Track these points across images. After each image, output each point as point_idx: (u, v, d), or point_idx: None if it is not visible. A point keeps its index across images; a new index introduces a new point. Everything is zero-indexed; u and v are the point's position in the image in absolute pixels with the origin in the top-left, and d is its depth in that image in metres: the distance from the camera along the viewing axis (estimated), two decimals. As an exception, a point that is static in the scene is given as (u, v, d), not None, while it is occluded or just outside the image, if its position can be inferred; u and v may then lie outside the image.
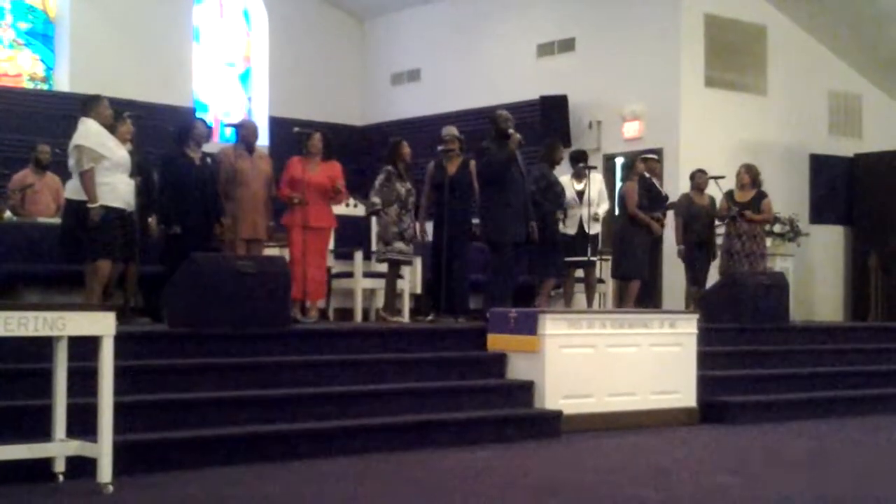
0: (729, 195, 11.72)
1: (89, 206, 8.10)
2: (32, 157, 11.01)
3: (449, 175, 9.94)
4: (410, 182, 10.11)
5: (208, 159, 9.46)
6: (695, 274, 11.81)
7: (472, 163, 10.10)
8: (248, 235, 9.33)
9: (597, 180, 11.20)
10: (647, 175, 11.54)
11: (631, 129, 14.44)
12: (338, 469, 6.49)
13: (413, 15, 17.49)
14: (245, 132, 9.67)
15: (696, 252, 11.78)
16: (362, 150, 16.91)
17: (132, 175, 8.54)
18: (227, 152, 9.58)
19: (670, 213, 11.89)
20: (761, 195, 11.79)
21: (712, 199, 11.92)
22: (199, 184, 9.19)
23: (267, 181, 9.54)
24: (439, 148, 10.09)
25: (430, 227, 10.37)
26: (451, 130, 10.25)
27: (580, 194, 10.98)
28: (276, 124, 16.66)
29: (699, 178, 11.93)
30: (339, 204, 10.04)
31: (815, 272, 15.09)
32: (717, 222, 11.93)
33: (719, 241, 11.92)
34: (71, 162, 8.24)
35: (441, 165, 10.06)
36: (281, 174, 9.63)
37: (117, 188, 8.32)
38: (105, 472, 5.54)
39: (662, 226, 11.63)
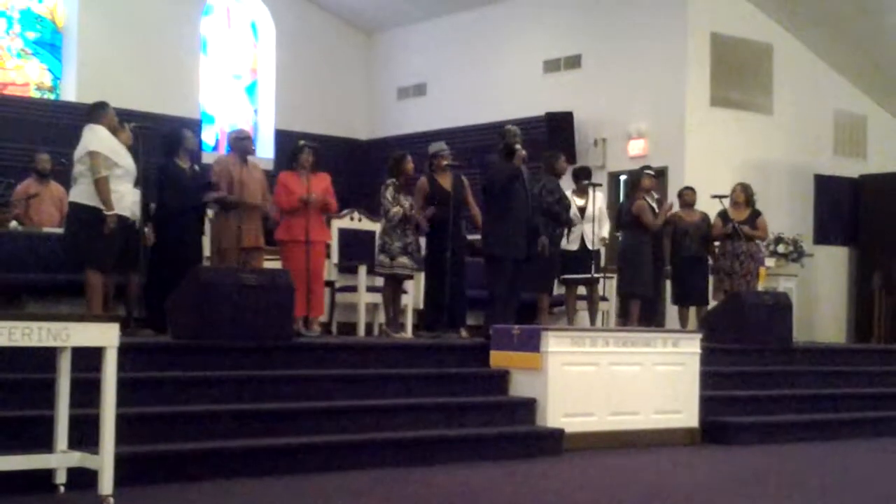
0: (722, 214, 11.71)
1: (106, 213, 8.07)
2: (33, 167, 11.02)
3: (447, 190, 9.94)
4: (411, 196, 10.10)
5: (196, 167, 9.48)
6: (685, 292, 11.79)
7: (464, 178, 10.13)
8: (250, 244, 9.33)
9: (598, 199, 11.21)
10: (646, 193, 11.54)
11: (636, 146, 14.45)
12: (338, 484, 6.48)
13: (420, 30, 17.53)
14: (243, 143, 9.66)
15: (690, 269, 11.76)
16: (367, 164, 16.94)
17: (136, 184, 8.55)
18: (228, 162, 9.55)
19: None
20: (756, 213, 11.80)
21: (705, 216, 11.90)
22: (191, 193, 9.20)
23: (263, 191, 9.55)
24: (444, 163, 10.06)
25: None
26: (443, 145, 10.27)
27: (582, 210, 10.97)
28: (282, 137, 16.70)
29: (687, 195, 11.96)
30: (332, 211, 9.99)
31: (819, 293, 15.08)
32: (717, 243, 11.91)
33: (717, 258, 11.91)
34: (81, 168, 8.17)
35: (434, 180, 10.05)
36: (274, 186, 9.64)
37: (124, 197, 8.31)
38: (106, 484, 5.52)
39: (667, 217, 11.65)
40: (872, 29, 14.66)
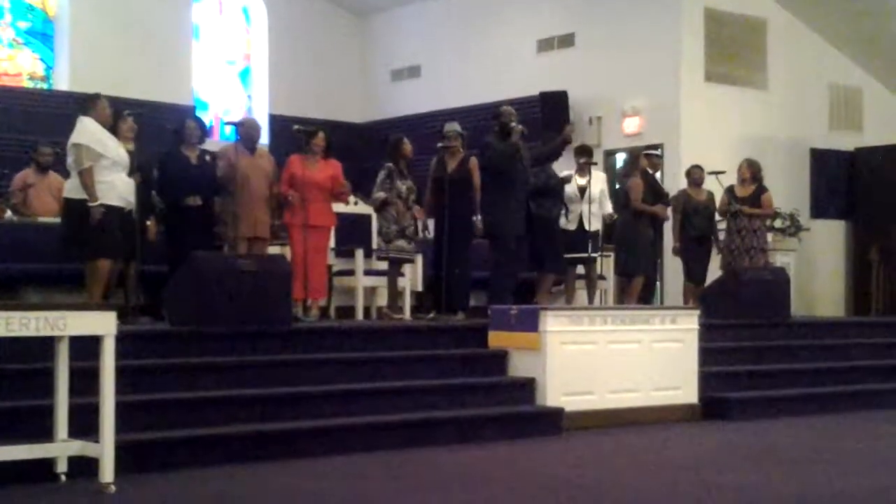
0: (729, 190, 11.73)
1: (90, 204, 8.09)
2: (33, 159, 11.00)
3: (448, 172, 9.92)
4: (412, 179, 10.08)
5: (207, 157, 9.47)
6: (691, 269, 11.82)
7: (473, 159, 10.07)
8: (248, 233, 9.32)
9: (600, 179, 11.20)
10: (650, 171, 11.54)
11: (631, 124, 14.42)
12: (339, 467, 6.50)
13: (413, 11, 17.47)
14: (246, 130, 9.65)
15: (696, 247, 11.78)
16: (363, 148, 16.90)
17: (131, 173, 8.55)
18: (228, 150, 9.57)
19: (668, 210, 11.87)
20: (761, 190, 11.79)
21: (711, 194, 11.92)
22: (196, 182, 9.19)
23: (268, 179, 9.52)
24: (439, 144, 10.06)
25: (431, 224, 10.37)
26: (453, 127, 10.22)
27: (582, 190, 10.96)
28: (276, 122, 16.65)
29: (696, 174, 11.94)
30: (344, 202, 9.99)
31: (817, 267, 15.08)
32: (717, 217, 11.94)
33: (721, 235, 11.93)
34: (69, 160, 8.25)
35: (442, 162, 10.04)
36: (281, 172, 9.62)
37: (116, 186, 8.31)
38: (107, 472, 5.54)
39: (665, 215, 11.61)
40: (866, 1, 14.61)
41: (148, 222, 9.13)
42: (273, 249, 9.81)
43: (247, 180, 9.34)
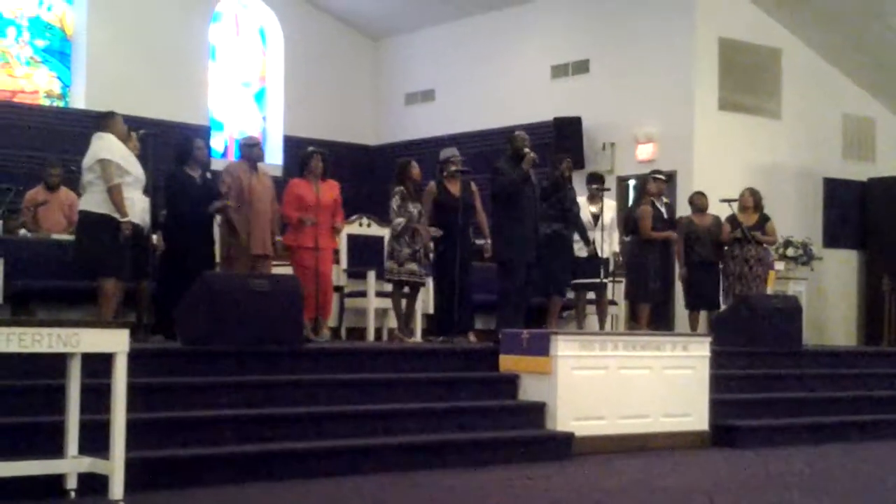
0: (732, 219, 11.71)
1: (121, 220, 8.12)
2: (43, 178, 11.06)
3: (456, 196, 9.96)
4: (420, 202, 10.11)
5: (208, 174, 9.52)
6: (696, 296, 11.78)
7: (472, 183, 10.14)
8: (259, 251, 9.36)
9: (610, 208, 11.20)
10: (656, 197, 11.54)
11: (644, 151, 14.44)
12: (349, 489, 6.48)
13: (427, 35, 17.54)
14: (250, 149, 9.70)
15: (703, 273, 11.76)
16: (375, 170, 16.97)
17: (145, 191, 8.60)
18: (238, 169, 9.59)
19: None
20: (765, 218, 11.81)
21: (716, 220, 11.89)
22: (200, 202, 9.24)
23: (272, 198, 9.59)
24: (452, 168, 10.07)
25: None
26: (454, 151, 10.28)
27: (595, 217, 10.97)
28: (291, 143, 16.72)
29: (698, 200, 11.96)
30: (338, 227, 9.97)
31: (829, 296, 15.05)
32: (725, 247, 11.90)
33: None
34: (90, 176, 8.21)
35: (443, 186, 10.07)
36: (283, 194, 9.66)
37: (135, 204, 8.36)
38: (117, 490, 5.55)
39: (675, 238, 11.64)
40: (881, 32, 14.63)
41: (155, 237, 9.17)
42: (280, 270, 9.81)
43: (257, 198, 9.38)
